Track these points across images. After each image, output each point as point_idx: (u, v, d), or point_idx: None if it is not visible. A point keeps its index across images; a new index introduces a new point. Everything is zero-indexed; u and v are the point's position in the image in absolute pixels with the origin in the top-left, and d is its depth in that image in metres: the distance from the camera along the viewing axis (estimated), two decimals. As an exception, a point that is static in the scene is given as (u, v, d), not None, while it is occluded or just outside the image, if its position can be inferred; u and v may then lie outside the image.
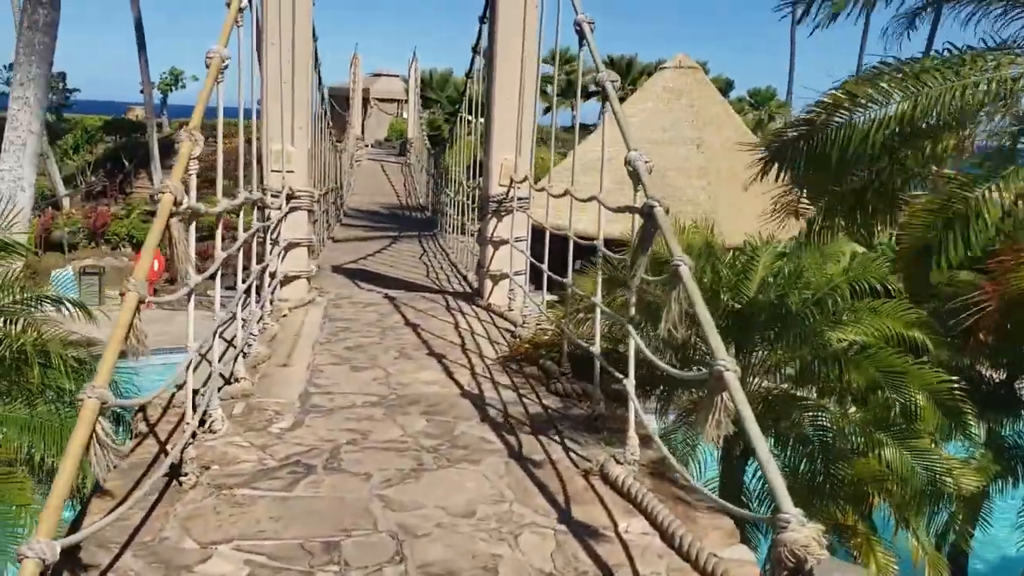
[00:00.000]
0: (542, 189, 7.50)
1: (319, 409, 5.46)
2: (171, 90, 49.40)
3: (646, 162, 4.39)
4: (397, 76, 48.91)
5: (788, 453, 6.77)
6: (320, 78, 13.21)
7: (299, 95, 8.38)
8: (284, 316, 7.94)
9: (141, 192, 36.94)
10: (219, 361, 5.09)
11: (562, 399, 5.80)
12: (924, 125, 6.77)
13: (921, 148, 7.11)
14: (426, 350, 7.07)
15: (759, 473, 7.60)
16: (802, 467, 6.70)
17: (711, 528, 3.88)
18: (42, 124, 16.93)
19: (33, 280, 28.03)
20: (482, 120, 11.43)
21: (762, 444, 2.99)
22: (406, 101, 43.15)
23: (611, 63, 47.93)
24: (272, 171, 8.29)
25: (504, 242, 8.69)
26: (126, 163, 38.31)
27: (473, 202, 13.12)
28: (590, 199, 5.65)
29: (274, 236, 8.06)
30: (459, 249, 14.13)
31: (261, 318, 7.11)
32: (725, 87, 50.97)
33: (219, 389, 5.36)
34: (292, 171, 8.39)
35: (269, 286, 7.61)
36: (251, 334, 6.35)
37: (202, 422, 4.85)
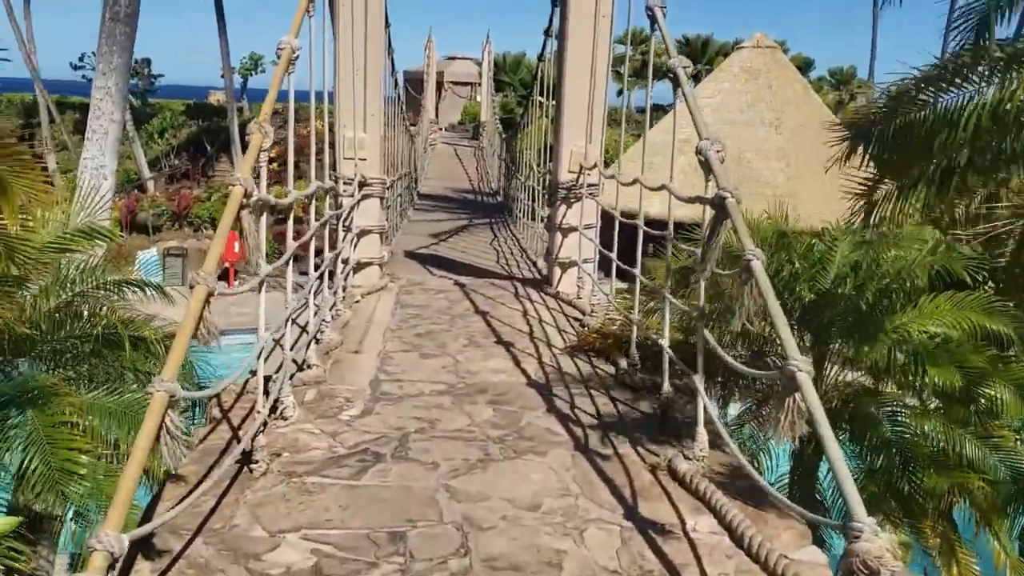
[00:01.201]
0: (612, 177, 7.39)
1: (389, 397, 5.51)
2: (251, 75, 50.57)
3: (718, 152, 4.27)
4: (471, 59, 49.01)
5: (864, 450, 6.55)
6: (393, 64, 13.31)
7: (371, 82, 8.44)
8: (356, 302, 8.04)
9: (222, 175, 37.96)
10: (291, 349, 5.18)
11: (630, 391, 5.74)
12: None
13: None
14: (494, 338, 7.08)
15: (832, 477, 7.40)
16: (879, 464, 6.47)
17: (782, 528, 3.79)
18: (123, 112, 17.31)
19: (119, 261, 29.21)
20: (553, 104, 11.38)
21: (835, 448, 2.89)
22: (480, 84, 43.21)
23: (686, 43, 47.11)
24: (345, 158, 8.39)
25: (573, 229, 8.63)
26: (208, 147, 39.36)
27: (543, 188, 13.07)
28: (660, 188, 5.54)
29: (347, 223, 8.16)
30: (529, 235, 14.10)
31: (334, 305, 7.22)
32: (804, 66, 49.65)
33: (291, 376, 5.47)
34: (364, 158, 8.47)
35: (342, 273, 7.72)
36: (324, 321, 6.45)
37: (274, 408, 4.94)
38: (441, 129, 42.91)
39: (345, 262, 8.07)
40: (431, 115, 38.27)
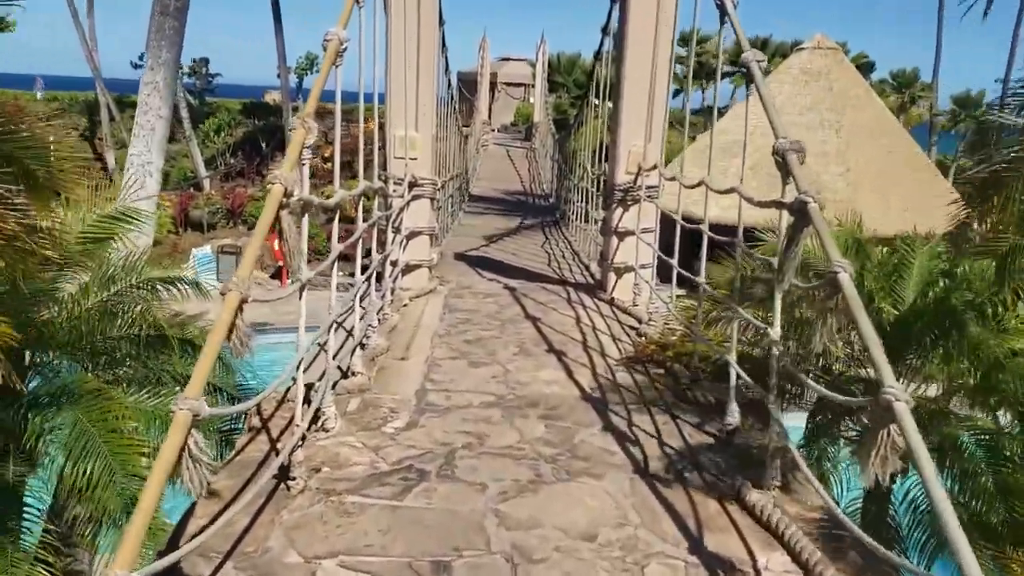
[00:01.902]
0: (673, 178, 7.03)
1: (435, 408, 5.24)
2: (307, 74, 50.92)
3: (797, 152, 3.91)
4: (524, 60, 48.78)
5: (949, 481, 6.06)
6: (447, 63, 13.09)
7: (424, 80, 8.20)
8: (405, 306, 7.80)
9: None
10: (334, 357, 4.93)
11: (693, 408, 5.38)
12: None
13: None
14: (546, 346, 6.77)
15: (910, 500, 6.94)
16: (964, 491, 5.98)
17: (866, 569, 3.41)
18: (171, 109, 17.12)
19: (175, 257, 29.55)
20: (609, 104, 11.03)
21: (938, 490, 2.51)
22: (533, 85, 42.94)
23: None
24: (395, 158, 8.16)
25: (630, 233, 8.27)
26: (263, 146, 39.72)
27: (597, 189, 12.72)
28: (729, 191, 5.18)
29: (396, 224, 7.93)
30: (582, 238, 13.77)
31: (381, 308, 6.98)
32: (865, 68, 48.39)
33: (334, 384, 5.23)
34: (415, 158, 8.23)
35: (390, 275, 7.48)
36: (370, 325, 6.20)
37: (316, 418, 4.70)
38: (494, 130, 42.74)
39: (394, 264, 7.83)
40: (484, 116, 38.11)
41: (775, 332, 4.08)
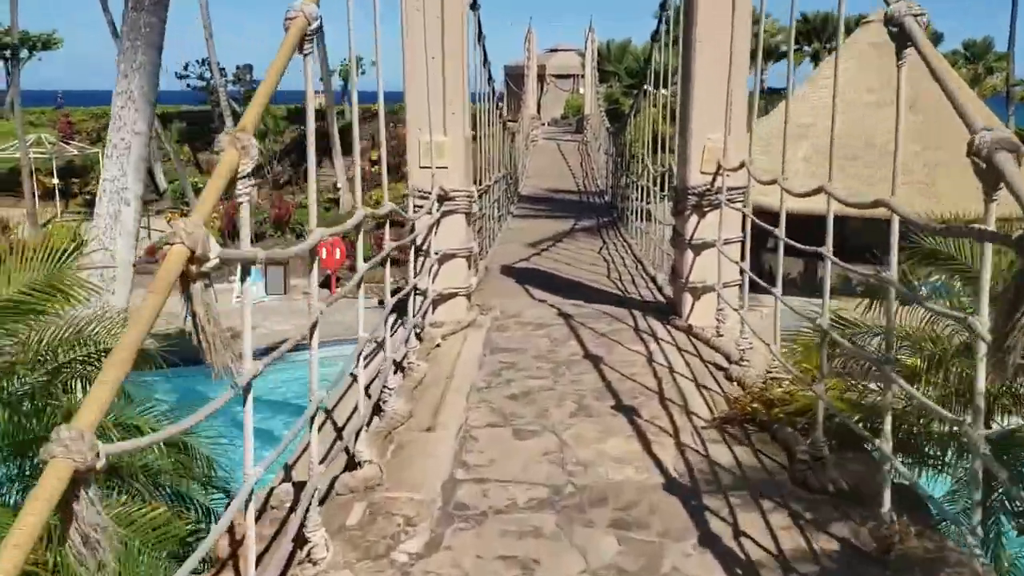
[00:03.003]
0: (773, 182, 5.49)
1: (467, 513, 3.86)
2: (353, 76, 50.02)
3: (1013, 151, 2.43)
4: (573, 50, 47.26)
5: None
6: (485, 53, 11.70)
7: (452, 71, 6.82)
8: (437, 346, 6.45)
9: (324, 180, 37.48)
10: (322, 464, 3.56)
11: (819, 501, 3.91)
12: None
13: None
14: (612, 400, 5.34)
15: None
16: None
17: None
18: (150, 123, 14.59)
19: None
20: (665, 92, 9.56)
21: None
22: (582, 76, 41.35)
23: (804, 20, 43.94)
24: (420, 167, 6.82)
25: (708, 245, 6.79)
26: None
27: (660, 187, 11.21)
28: (873, 204, 3.70)
29: (423, 247, 6.58)
30: (644, 242, 12.28)
31: (404, 357, 5.64)
32: (933, 40, 45.69)
33: (332, 483, 3.90)
34: (445, 166, 6.88)
35: (418, 311, 6.13)
36: (386, 387, 4.86)
37: (301, 539, 3.38)
38: (543, 124, 41.33)
39: (422, 295, 6.48)
40: (532, 110, 36.68)
41: (978, 433, 2.60)
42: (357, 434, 4.19)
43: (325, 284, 26.48)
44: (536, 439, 4.75)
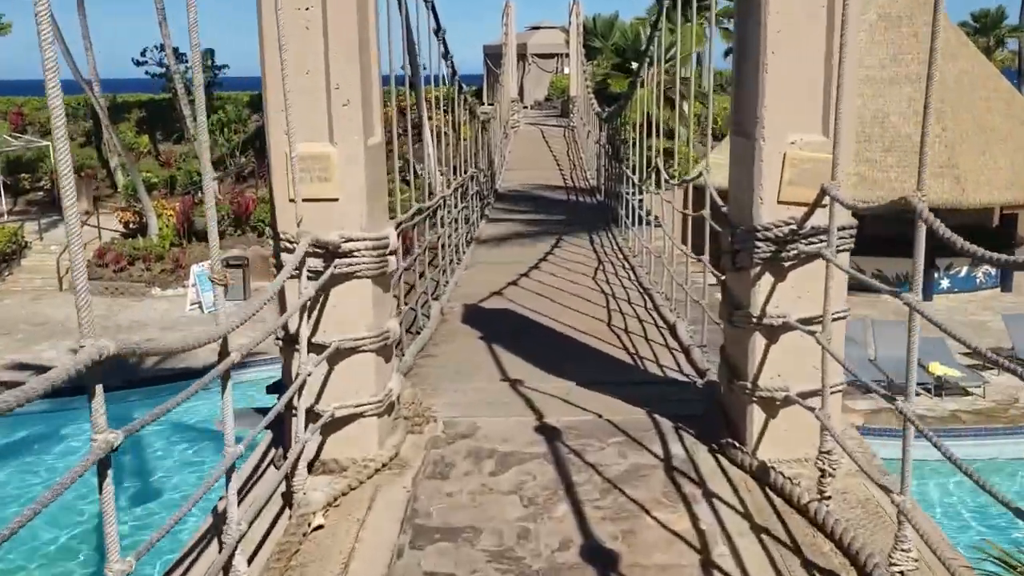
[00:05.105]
0: (905, 203, 2.52)
1: None
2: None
3: None
4: (556, 28, 44.07)
5: None
6: (435, 14, 8.62)
7: (341, 32, 3.89)
8: (313, 531, 3.54)
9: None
10: None
11: None
12: None
13: None
14: None
15: None
16: None
17: None
18: None
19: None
20: (698, 85, 6.67)
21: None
22: (567, 55, 38.22)
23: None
24: (289, 201, 3.87)
25: (794, 328, 3.87)
26: (274, 141, 35.85)
27: (657, 183, 8.32)
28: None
29: (298, 333, 3.68)
30: (650, 262, 9.41)
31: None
32: (937, 11, 42.58)
33: None
34: (332, 198, 3.94)
35: (290, 456, 3.27)
36: None
37: None
38: (526, 107, 38.22)
39: (295, 417, 3.61)
40: (512, 93, 33.55)
41: None
42: None
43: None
44: None
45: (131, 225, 29.68)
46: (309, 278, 3.83)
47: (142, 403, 13.62)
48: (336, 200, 3.95)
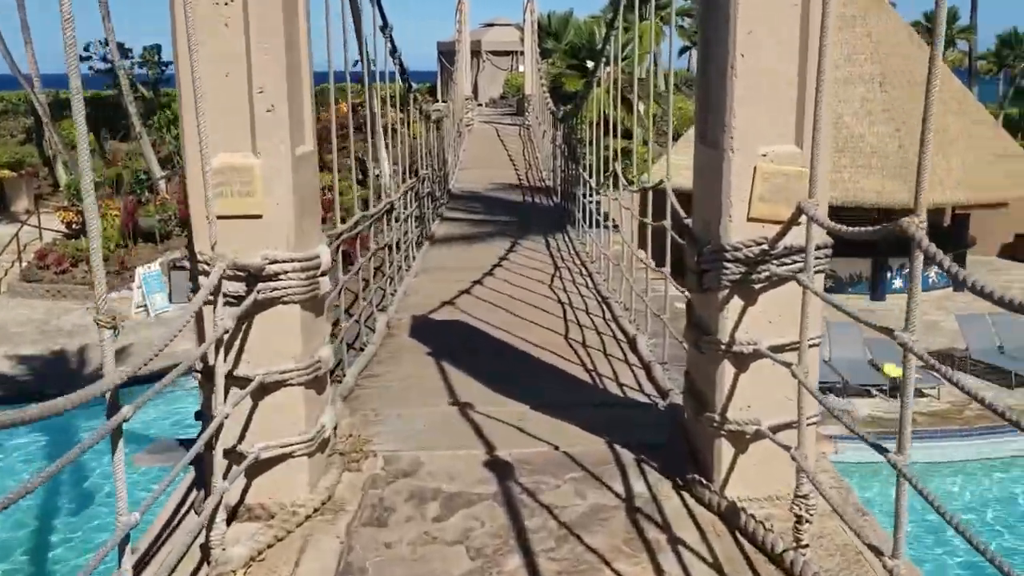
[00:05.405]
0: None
1: None
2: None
3: None
4: (511, 24, 43.71)
5: None
6: (384, 17, 8.18)
7: (263, 23, 3.47)
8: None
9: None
10: None
11: None
12: None
13: None
14: None
15: None
16: None
17: None
18: None
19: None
20: (655, 84, 6.34)
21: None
22: (522, 52, 37.86)
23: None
24: (207, 219, 3.43)
25: (763, 355, 3.55)
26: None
27: (615, 184, 8.00)
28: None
29: (215, 369, 3.27)
30: (609, 269, 9.09)
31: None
32: (887, 11, 43.15)
33: None
34: (256, 214, 3.52)
35: (205, 509, 2.86)
36: None
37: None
38: (480, 105, 37.80)
39: (229, 458, 3.20)
40: (466, 91, 33.09)
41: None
42: None
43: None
44: None
45: (74, 225, 28.67)
46: (229, 304, 3.41)
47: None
48: (260, 217, 3.52)
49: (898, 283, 22.91)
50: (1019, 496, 12.70)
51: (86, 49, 43.39)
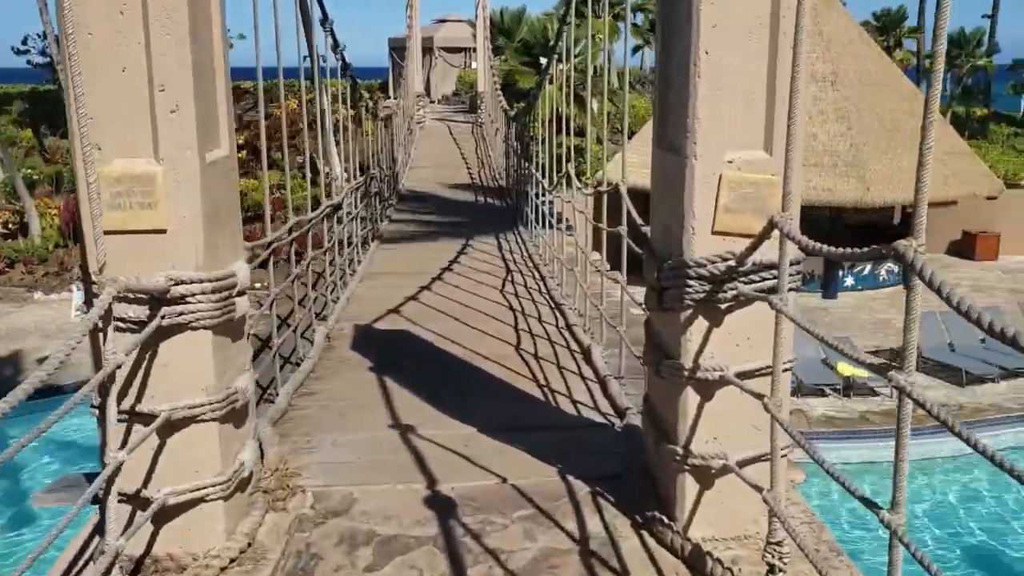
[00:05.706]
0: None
1: None
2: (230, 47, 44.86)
3: None
4: (463, 21, 43.24)
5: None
6: (324, 10, 7.72)
7: (162, 22, 3.03)
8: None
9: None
10: None
11: None
12: None
13: None
14: None
15: None
16: None
17: None
18: None
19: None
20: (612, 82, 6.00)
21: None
22: (474, 49, 37.41)
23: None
24: (105, 233, 2.99)
25: (730, 382, 3.22)
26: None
27: (568, 183, 7.67)
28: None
29: (107, 407, 2.84)
30: (560, 271, 8.77)
31: None
32: (835, 11, 43.49)
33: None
34: (159, 229, 3.09)
35: (98, 566, 2.43)
36: None
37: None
38: (433, 102, 37.29)
39: (131, 502, 2.77)
40: (418, 87, 32.57)
41: None
42: None
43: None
44: None
45: (10, 225, 27.55)
46: (131, 330, 2.99)
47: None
48: (164, 232, 3.09)
49: (850, 281, 22.97)
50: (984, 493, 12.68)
51: (24, 42, 41.90)
